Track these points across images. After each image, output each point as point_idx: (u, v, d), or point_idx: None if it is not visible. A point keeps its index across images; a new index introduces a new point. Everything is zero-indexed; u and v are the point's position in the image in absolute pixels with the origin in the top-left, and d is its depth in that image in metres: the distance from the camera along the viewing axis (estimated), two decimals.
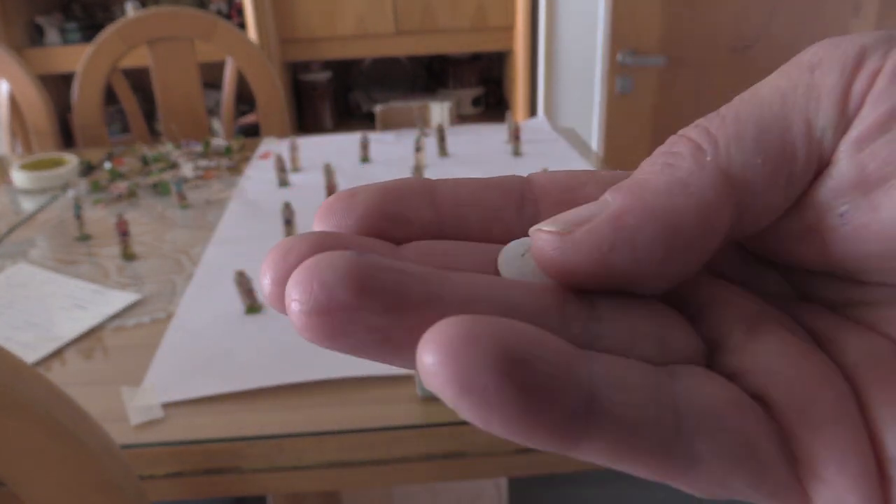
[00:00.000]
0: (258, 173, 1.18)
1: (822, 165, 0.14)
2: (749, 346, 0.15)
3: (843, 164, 0.14)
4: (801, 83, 0.14)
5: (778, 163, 0.14)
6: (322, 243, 0.14)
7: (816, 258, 0.15)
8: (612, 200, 0.14)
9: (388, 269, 0.13)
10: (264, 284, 0.14)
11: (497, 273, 0.15)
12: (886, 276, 0.14)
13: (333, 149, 1.27)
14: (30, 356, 0.68)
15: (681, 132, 0.15)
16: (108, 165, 1.21)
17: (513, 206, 0.16)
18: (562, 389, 0.12)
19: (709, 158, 0.14)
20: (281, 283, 0.14)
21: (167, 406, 0.60)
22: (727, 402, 0.13)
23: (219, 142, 1.31)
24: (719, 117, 0.15)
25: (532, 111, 2.00)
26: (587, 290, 0.15)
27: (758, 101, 0.15)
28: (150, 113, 2.11)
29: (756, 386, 0.14)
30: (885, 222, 0.13)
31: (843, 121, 0.14)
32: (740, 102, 0.15)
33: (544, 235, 0.14)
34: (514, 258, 0.15)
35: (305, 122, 2.17)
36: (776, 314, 0.16)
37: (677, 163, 0.14)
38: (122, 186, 1.12)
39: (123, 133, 2.14)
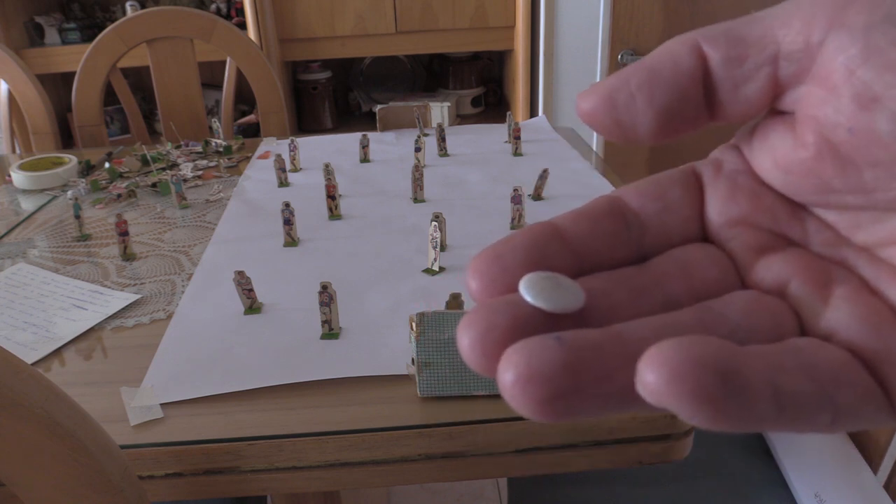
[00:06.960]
0: (258, 173, 1.17)
1: (773, 74, 0.19)
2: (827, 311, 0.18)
3: (842, 90, 0.17)
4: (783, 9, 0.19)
5: (735, 46, 0.19)
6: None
7: (836, 175, 0.18)
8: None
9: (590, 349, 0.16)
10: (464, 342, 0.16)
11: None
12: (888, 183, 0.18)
13: (333, 149, 1.27)
14: (30, 356, 0.68)
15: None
16: (107, 165, 1.21)
17: (623, 229, 0.20)
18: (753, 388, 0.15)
19: (692, 34, 0.19)
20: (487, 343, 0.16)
21: (166, 406, 0.60)
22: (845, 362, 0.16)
23: (218, 142, 1.31)
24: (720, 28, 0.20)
25: (532, 111, 2.00)
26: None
27: (750, 18, 0.19)
28: (149, 113, 2.10)
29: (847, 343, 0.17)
30: (882, 131, 0.17)
31: (808, 49, 0.18)
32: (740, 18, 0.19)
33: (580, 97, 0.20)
34: (535, 282, 0.17)
35: (305, 122, 2.17)
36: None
37: (673, 47, 0.20)
38: (121, 186, 1.12)
39: (123, 133, 2.14)
